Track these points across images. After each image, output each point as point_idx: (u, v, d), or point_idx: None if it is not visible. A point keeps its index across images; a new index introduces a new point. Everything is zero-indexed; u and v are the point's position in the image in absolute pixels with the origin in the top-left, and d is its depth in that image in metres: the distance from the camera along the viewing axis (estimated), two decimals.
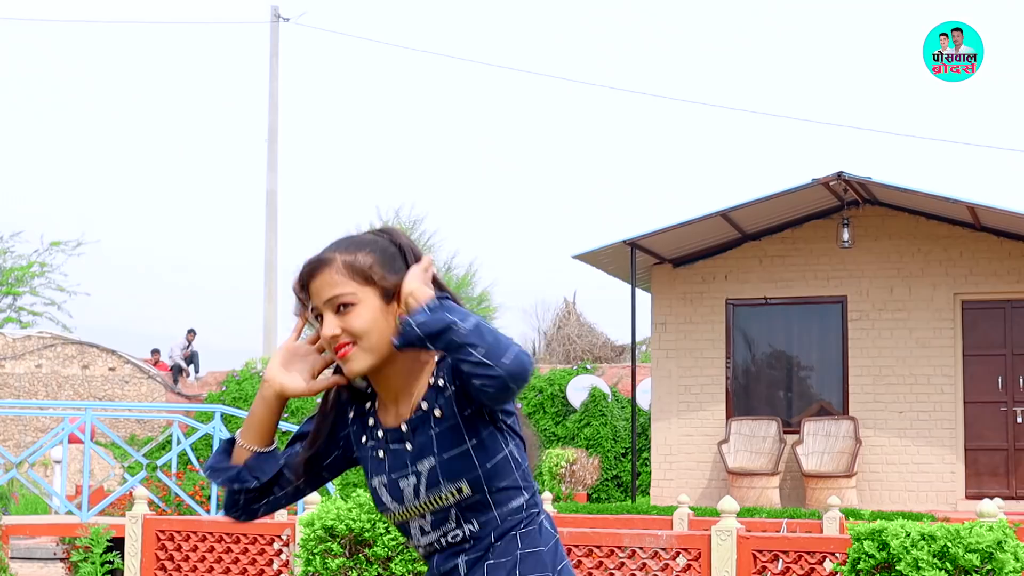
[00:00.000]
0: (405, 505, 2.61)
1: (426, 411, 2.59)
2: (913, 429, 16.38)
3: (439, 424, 2.57)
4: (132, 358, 24.87)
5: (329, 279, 2.59)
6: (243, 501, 2.67)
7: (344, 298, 2.57)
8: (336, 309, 2.58)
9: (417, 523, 2.62)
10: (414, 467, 2.59)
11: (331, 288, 2.58)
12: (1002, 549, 5.89)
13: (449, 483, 2.55)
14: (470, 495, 2.56)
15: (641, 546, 7.76)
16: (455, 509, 2.57)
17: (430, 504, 2.58)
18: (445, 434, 2.56)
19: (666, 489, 16.94)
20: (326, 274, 2.60)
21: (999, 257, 16.37)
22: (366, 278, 2.59)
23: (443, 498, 2.56)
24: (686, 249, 17.14)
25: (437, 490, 2.56)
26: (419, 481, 2.58)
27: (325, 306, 2.59)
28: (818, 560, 7.30)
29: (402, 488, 2.61)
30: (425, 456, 2.58)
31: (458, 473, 2.55)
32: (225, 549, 9.10)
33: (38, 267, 33.86)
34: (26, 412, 23.28)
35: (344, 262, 2.60)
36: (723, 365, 17.16)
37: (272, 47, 30.87)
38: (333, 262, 2.60)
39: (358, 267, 2.59)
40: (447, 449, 2.56)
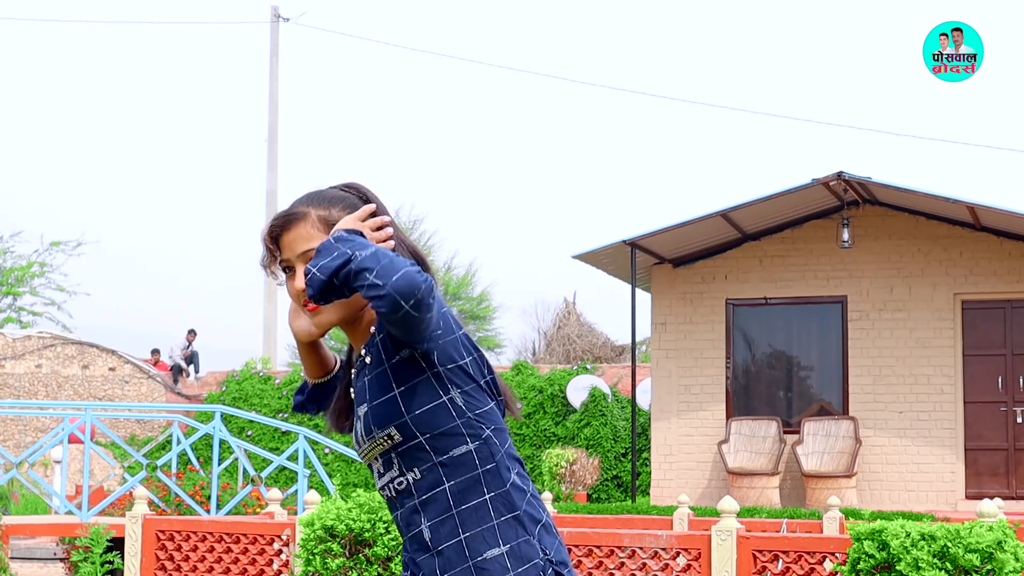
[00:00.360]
0: (361, 446, 2.65)
1: (362, 357, 2.64)
2: (913, 429, 16.38)
3: (371, 371, 2.60)
4: (132, 358, 24.87)
5: (304, 233, 2.64)
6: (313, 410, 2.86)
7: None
8: (307, 263, 2.58)
9: (375, 466, 2.66)
10: (358, 411, 2.64)
11: (305, 242, 2.63)
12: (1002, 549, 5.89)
13: (379, 428, 2.57)
14: (402, 440, 2.55)
15: (641, 546, 7.76)
16: (393, 454, 2.58)
17: (373, 447, 2.61)
18: (375, 380, 2.59)
19: (666, 489, 16.94)
20: (301, 228, 2.64)
21: (999, 257, 16.37)
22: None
23: (379, 442, 2.58)
24: (686, 249, 17.14)
25: (372, 435, 2.59)
26: (361, 424, 2.62)
27: (298, 259, 2.64)
28: (818, 560, 7.30)
29: (356, 429, 2.66)
30: (362, 402, 2.62)
31: (385, 419, 2.56)
32: (225, 549, 9.10)
33: (38, 267, 33.86)
34: (26, 412, 23.28)
35: (319, 216, 2.64)
36: (723, 365, 17.16)
37: (272, 47, 30.88)
38: (307, 216, 2.64)
39: (332, 222, 2.64)
40: (376, 396, 2.58)
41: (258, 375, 23.73)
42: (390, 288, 2.38)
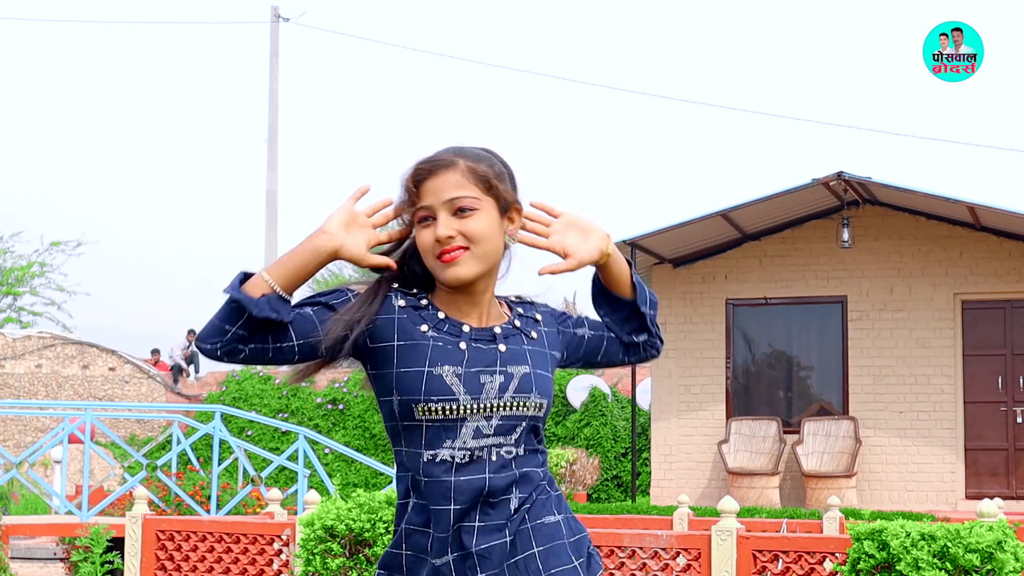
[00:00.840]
0: (480, 399, 2.53)
1: (519, 328, 2.66)
2: (913, 429, 16.38)
3: (532, 344, 2.66)
4: (132, 358, 24.87)
5: (454, 180, 2.56)
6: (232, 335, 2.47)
7: (466, 201, 2.55)
8: (454, 211, 2.55)
9: (475, 423, 2.53)
10: (504, 368, 2.58)
11: (456, 189, 2.56)
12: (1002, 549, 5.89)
13: (539, 394, 2.59)
14: (541, 416, 2.62)
15: (641, 546, 7.76)
16: (526, 422, 2.58)
17: (510, 406, 2.56)
18: (537, 355, 2.65)
19: (666, 489, 16.94)
20: (451, 175, 2.57)
21: (999, 257, 16.37)
22: (489, 187, 2.59)
23: (526, 405, 2.57)
24: (686, 249, 17.14)
25: (525, 396, 2.57)
26: (508, 381, 2.57)
27: (443, 206, 2.55)
28: (818, 560, 7.30)
29: (483, 382, 2.54)
30: (520, 363, 2.60)
31: (545, 390, 2.62)
32: (225, 549, 9.09)
33: (38, 267, 33.86)
34: (26, 412, 23.28)
35: (469, 167, 2.59)
36: (723, 365, 17.16)
37: (272, 47, 30.88)
38: (457, 165, 2.59)
39: (482, 174, 2.59)
40: (539, 367, 2.63)
41: (258, 375, 23.73)
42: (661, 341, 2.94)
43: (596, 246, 2.68)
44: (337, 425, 22.61)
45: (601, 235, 2.70)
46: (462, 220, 2.55)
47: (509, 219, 2.64)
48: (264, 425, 21.69)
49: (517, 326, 2.65)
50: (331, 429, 22.54)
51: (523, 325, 2.67)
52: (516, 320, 2.67)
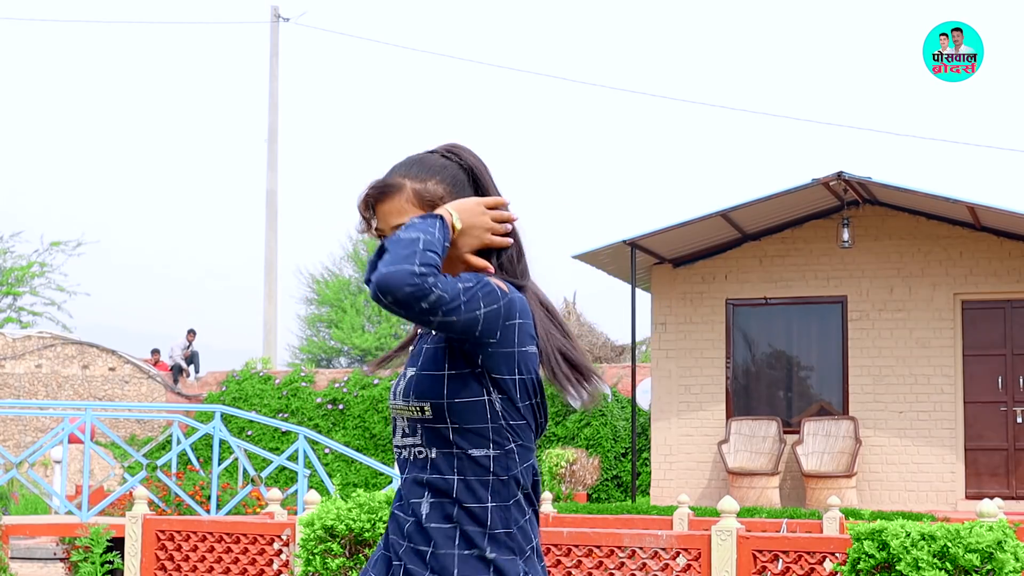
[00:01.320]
0: (393, 400, 2.65)
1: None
2: (913, 429, 16.38)
3: (433, 341, 2.62)
4: (132, 358, 24.86)
5: (398, 206, 2.62)
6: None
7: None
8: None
9: (400, 424, 2.64)
10: (406, 371, 2.64)
11: (399, 216, 2.61)
12: (1002, 549, 5.89)
13: (416, 398, 2.58)
14: (431, 419, 2.56)
15: (641, 546, 7.76)
16: (420, 425, 2.59)
17: (404, 409, 2.61)
18: (432, 351, 2.60)
19: (666, 489, 16.94)
20: (396, 200, 2.62)
21: (999, 257, 16.37)
22: (434, 206, 2.61)
23: (411, 409, 2.59)
24: (686, 249, 17.14)
25: (407, 399, 2.59)
26: (405, 384, 2.62)
27: (392, 231, 2.61)
28: (818, 560, 7.30)
29: (398, 386, 2.66)
30: (413, 364, 2.63)
31: (425, 392, 2.57)
32: (225, 549, 9.09)
33: (38, 267, 33.87)
34: (26, 412, 23.28)
35: (414, 190, 2.61)
36: (723, 365, 17.16)
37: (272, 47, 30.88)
38: (403, 189, 2.62)
39: (427, 197, 2.61)
40: (427, 367, 2.59)
41: (258, 375, 23.72)
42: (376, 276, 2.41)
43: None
44: (337, 425, 22.61)
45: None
46: None
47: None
48: (264, 425, 21.69)
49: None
50: (331, 429, 22.54)
51: None
52: None
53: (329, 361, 39.83)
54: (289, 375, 23.57)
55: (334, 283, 40.49)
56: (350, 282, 40.42)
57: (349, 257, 41.23)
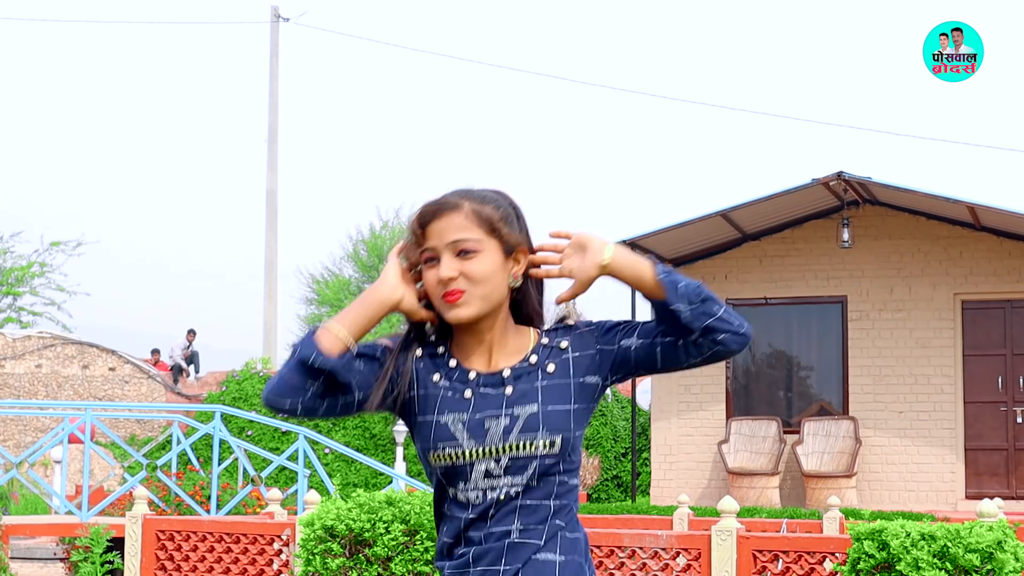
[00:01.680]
0: (485, 444, 2.60)
1: (535, 364, 2.65)
2: (913, 429, 16.38)
3: (549, 378, 2.64)
4: (132, 358, 24.86)
5: (457, 223, 2.62)
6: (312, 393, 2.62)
7: (469, 244, 2.61)
8: (457, 253, 2.61)
9: (484, 465, 2.60)
10: (509, 410, 2.61)
11: (458, 231, 2.62)
12: (1002, 549, 5.89)
13: (547, 432, 2.59)
14: (556, 453, 2.60)
15: (641, 546, 7.76)
16: (537, 461, 2.59)
17: (516, 448, 2.59)
18: (553, 388, 2.63)
19: (666, 489, 16.95)
20: (454, 217, 2.63)
21: (999, 257, 16.37)
22: (492, 229, 2.64)
23: (534, 445, 2.59)
24: (686, 249, 17.14)
25: (532, 435, 2.59)
26: (513, 423, 2.60)
27: (446, 248, 2.62)
28: (818, 560, 7.29)
29: (487, 427, 2.61)
30: (527, 402, 2.62)
31: (557, 427, 2.60)
32: (225, 549, 9.09)
33: (38, 267, 33.87)
34: (26, 412, 23.27)
35: (473, 210, 2.64)
36: (723, 365, 17.16)
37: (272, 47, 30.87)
38: (462, 207, 2.64)
39: (486, 217, 2.64)
40: (553, 402, 2.62)
41: (258, 375, 23.73)
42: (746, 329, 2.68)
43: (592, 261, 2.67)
44: (337, 425, 22.60)
45: (598, 247, 2.67)
46: (464, 262, 2.61)
47: (514, 260, 2.68)
48: (264, 425, 21.68)
49: (532, 363, 2.66)
50: (331, 429, 22.53)
51: (540, 359, 2.67)
52: (533, 355, 2.67)
53: None
54: None
55: (334, 283, 40.48)
56: (350, 282, 40.40)
57: (349, 257, 41.22)
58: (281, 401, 2.62)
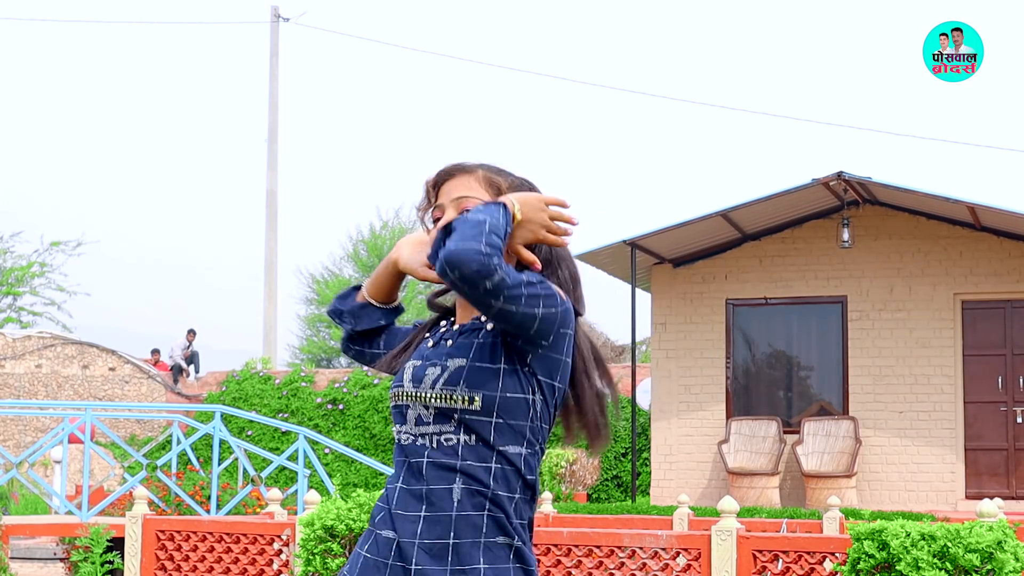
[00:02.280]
0: (419, 389, 2.66)
1: (483, 322, 2.70)
2: (913, 429, 16.38)
3: (486, 336, 2.66)
4: (132, 358, 24.86)
5: (466, 183, 2.76)
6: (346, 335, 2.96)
7: (472, 202, 2.72)
8: (461, 210, 2.71)
9: (418, 411, 2.66)
10: (445, 360, 2.66)
11: (465, 189, 2.75)
12: (1002, 549, 5.89)
13: (467, 388, 2.60)
14: (478, 410, 2.60)
15: (641, 546, 7.75)
16: (458, 415, 2.61)
17: (439, 398, 2.63)
18: (486, 346, 2.64)
19: (666, 489, 16.94)
20: (465, 179, 2.77)
21: (999, 257, 16.37)
22: (499, 194, 2.75)
23: (454, 398, 2.61)
24: (686, 249, 17.14)
25: (452, 388, 2.61)
26: (442, 373, 2.64)
27: (451, 204, 2.75)
28: (818, 560, 7.29)
29: (426, 373, 2.67)
30: (460, 355, 2.65)
31: (478, 384, 2.60)
32: (225, 549, 9.09)
33: (38, 267, 33.87)
34: (26, 412, 23.28)
35: (485, 175, 2.78)
36: (723, 365, 17.16)
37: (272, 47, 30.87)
38: (475, 171, 2.78)
39: (495, 183, 2.77)
40: (481, 359, 2.63)
41: (258, 375, 23.72)
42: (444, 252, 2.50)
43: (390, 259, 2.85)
44: (337, 425, 22.60)
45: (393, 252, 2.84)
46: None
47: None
48: (264, 425, 21.68)
49: (481, 320, 2.71)
50: (331, 429, 22.53)
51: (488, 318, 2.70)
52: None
53: (329, 361, 39.82)
54: (289, 375, 23.56)
55: (334, 283, 40.47)
56: (350, 282, 40.39)
57: (349, 257, 41.22)
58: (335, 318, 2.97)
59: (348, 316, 2.92)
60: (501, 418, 2.60)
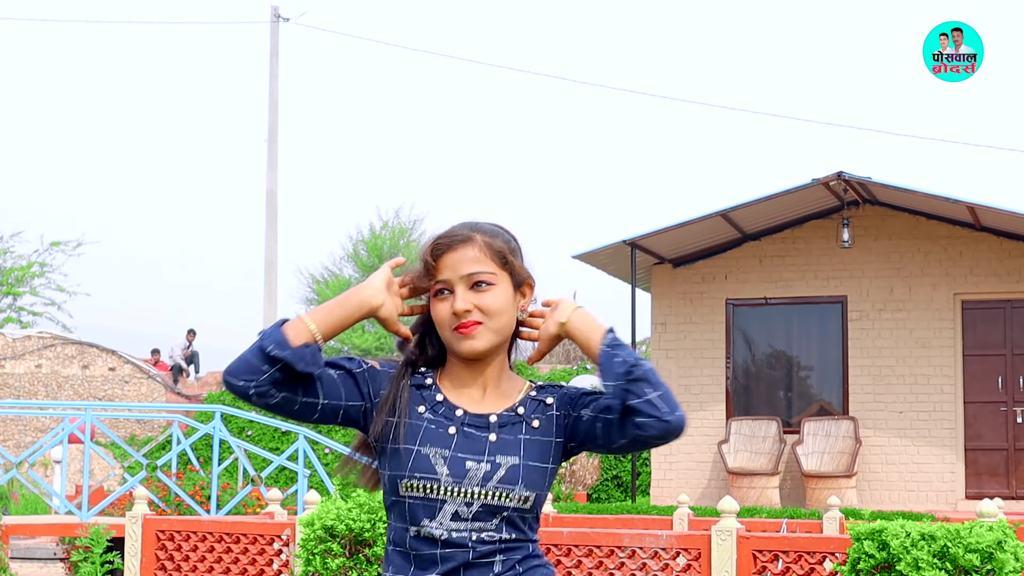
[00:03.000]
0: (462, 484, 2.57)
1: (521, 416, 2.65)
2: (913, 429, 16.38)
3: (532, 433, 2.63)
4: (132, 358, 24.86)
5: (472, 255, 2.64)
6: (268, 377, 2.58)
7: (483, 276, 2.62)
8: (471, 285, 2.62)
9: (454, 506, 2.58)
10: (492, 457, 2.59)
11: (473, 264, 2.63)
12: (1002, 549, 5.89)
13: (524, 487, 2.58)
14: (527, 508, 2.60)
15: (641, 546, 7.75)
16: (507, 512, 2.59)
17: (492, 495, 2.58)
18: (535, 444, 2.62)
19: (666, 489, 16.94)
20: (469, 250, 2.64)
21: (999, 257, 16.37)
22: (504, 262, 2.66)
23: (509, 496, 2.58)
24: (686, 249, 17.14)
25: (510, 487, 2.58)
26: (494, 471, 2.58)
27: (460, 280, 2.63)
28: (818, 560, 7.29)
29: (468, 468, 2.58)
30: (510, 453, 2.60)
31: (534, 484, 2.60)
32: (225, 549, 9.09)
33: (38, 267, 33.87)
34: (26, 412, 23.28)
35: (485, 242, 2.66)
36: (723, 365, 17.15)
37: (272, 47, 30.86)
38: (475, 240, 2.66)
39: (497, 249, 2.66)
40: (533, 458, 2.61)
41: None
42: (674, 418, 2.52)
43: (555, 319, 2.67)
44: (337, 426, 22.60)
45: (565, 307, 2.67)
46: (479, 294, 2.62)
47: (521, 294, 2.70)
48: (264, 425, 21.68)
49: (519, 413, 2.65)
50: (331, 429, 22.53)
51: (527, 412, 2.66)
52: (521, 407, 2.66)
53: None
54: None
55: (334, 283, 40.46)
56: (350, 282, 40.38)
57: (349, 257, 41.21)
58: (236, 381, 2.61)
59: (310, 357, 2.58)
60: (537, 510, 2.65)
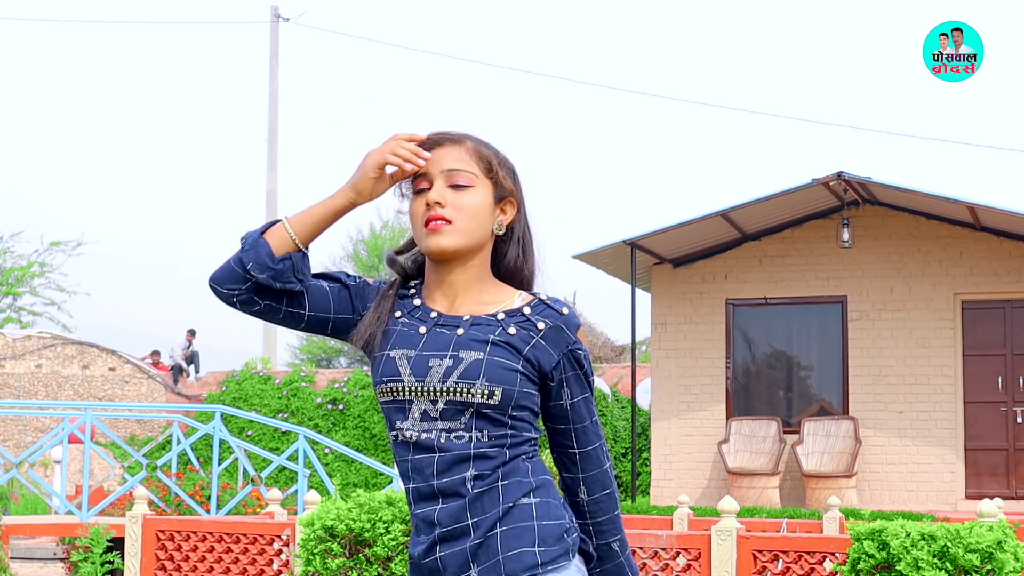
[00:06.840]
0: (424, 382, 2.54)
1: (499, 322, 2.58)
2: (913, 429, 16.38)
3: (506, 336, 2.55)
4: (132, 358, 24.86)
5: (457, 154, 2.62)
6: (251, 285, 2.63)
7: (463, 176, 2.60)
8: (450, 184, 2.59)
9: (421, 406, 2.55)
10: (455, 352, 2.54)
11: (456, 162, 2.61)
12: (1002, 549, 5.89)
13: (487, 381, 2.51)
14: (496, 404, 2.51)
15: (641, 546, 7.75)
16: (473, 409, 2.52)
17: (452, 391, 2.52)
18: (505, 346, 2.55)
19: (666, 489, 16.94)
20: (456, 149, 2.63)
21: (999, 257, 16.37)
22: (489, 170, 2.64)
23: (471, 392, 2.51)
24: (686, 249, 17.14)
25: (471, 381, 2.51)
26: (456, 365, 2.53)
27: (439, 175, 2.60)
28: (818, 560, 7.29)
29: (430, 366, 2.54)
30: (476, 349, 2.54)
31: (499, 378, 2.51)
32: (225, 549, 9.09)
33: (38, 267, 33.88)
34: (26, 412, 23.27)
35: (474, 147, 2.65)
36: (723, 365, 17.16)
37: (272, 47, 30.87)
38: (464, 142, 2.65)
39: (484, 156, 2.64)
40: (500, 356, 2.53)
41: (258, 375, 23.72)
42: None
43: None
44: (337, 425, 22.59)
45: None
46: (456, 193, 2.59)
47: (501, 210, 2.65)
48: (264, 425, 21.68)
49: (498, 318, 2.59)
50: (331, 429, 22.52)
51: (507, 319, 2.58)
52: (502, 313, 2.59)
53: (329, 361, 39.83)
54: (289, 375, 23.56)
55: None
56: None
57: (349, 257, 41.23)
58: (220, 288, 2.65)
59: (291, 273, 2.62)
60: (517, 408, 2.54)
